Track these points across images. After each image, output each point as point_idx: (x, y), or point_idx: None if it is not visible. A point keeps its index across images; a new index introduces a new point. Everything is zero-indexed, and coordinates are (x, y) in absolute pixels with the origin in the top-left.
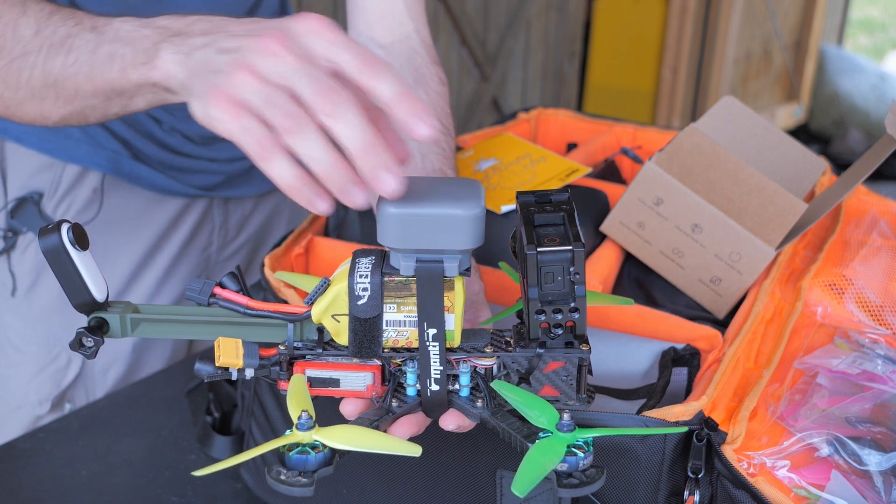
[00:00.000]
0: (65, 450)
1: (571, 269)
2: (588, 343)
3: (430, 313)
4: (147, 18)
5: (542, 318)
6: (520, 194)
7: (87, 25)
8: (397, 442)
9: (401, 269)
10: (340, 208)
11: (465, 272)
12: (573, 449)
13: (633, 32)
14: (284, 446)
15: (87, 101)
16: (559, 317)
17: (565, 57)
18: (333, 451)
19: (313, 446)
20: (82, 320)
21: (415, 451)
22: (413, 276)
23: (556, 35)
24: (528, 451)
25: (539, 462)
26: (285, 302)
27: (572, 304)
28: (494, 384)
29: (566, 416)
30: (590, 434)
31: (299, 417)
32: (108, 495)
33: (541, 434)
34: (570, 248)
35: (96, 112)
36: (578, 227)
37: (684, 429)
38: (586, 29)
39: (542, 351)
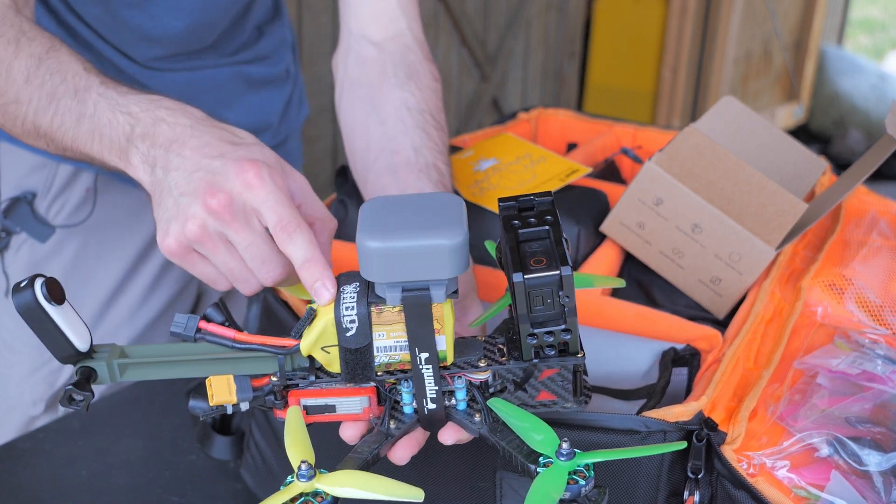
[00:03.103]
0: (65, 450)
1: (560, 292)
2: (582, 349)
3: (421, 339)
4: (122, 97)
5: (535, 340)
6: (502, 201)
7: (70, 87)
8: (399, 486)
9: (387, 300)
10: (341, 208)
11: (453, 294)
12: (574, 476)
13: (633, 32)
14: (290, 499)
15: (77, 156)
16: (551, 338)
17: (565, 57)
18: (336, 498)
19: (316, 494)
20: None
21: (417, 495)
22: (400, 306)
23: (556, 35)
24: (531, 485)
25: (544, 495)
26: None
27: (563, 326)
28: (492, 403)
29: (565, 445)
30: (590, 459)
31: (299, 468)
32: (108, 495)
33: (541, 459)
34: (557, 272)
35: (93, 163)
36: (564, 243)
37: (683, 444)
38: (586, 29)
39: (536, 361)
